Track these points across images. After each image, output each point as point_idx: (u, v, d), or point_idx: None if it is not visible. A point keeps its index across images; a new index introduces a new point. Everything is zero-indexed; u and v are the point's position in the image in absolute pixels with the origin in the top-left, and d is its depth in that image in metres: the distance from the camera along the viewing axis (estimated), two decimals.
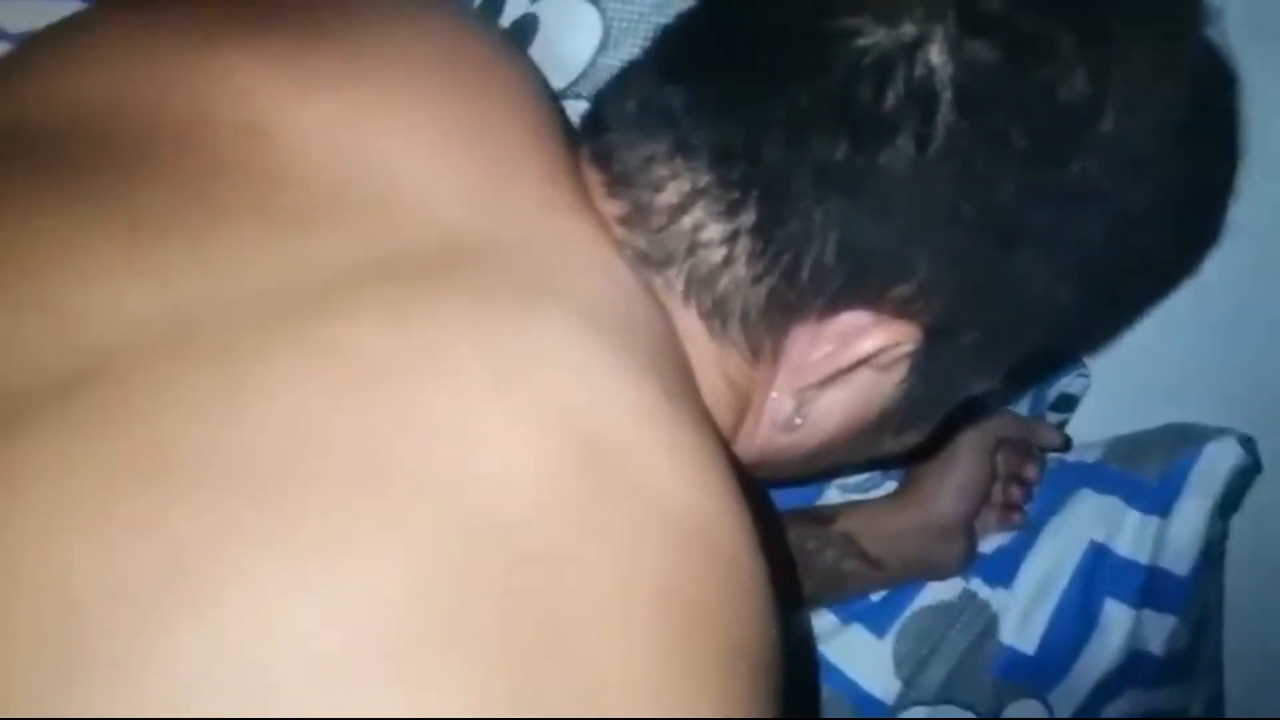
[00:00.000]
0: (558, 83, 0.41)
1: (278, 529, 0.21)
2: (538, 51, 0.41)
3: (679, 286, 0.32)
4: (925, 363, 0.34)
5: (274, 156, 0.28)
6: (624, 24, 0.42)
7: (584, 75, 0.42)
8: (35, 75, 0.30)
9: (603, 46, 0.42)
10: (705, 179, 0.31)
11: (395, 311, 0.25)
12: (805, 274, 0.31)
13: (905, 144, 0.29)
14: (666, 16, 0.39)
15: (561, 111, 0.36)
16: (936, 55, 0.29)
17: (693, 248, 0.32)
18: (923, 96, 0.29)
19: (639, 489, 0.24)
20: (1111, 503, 0.54)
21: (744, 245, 0.31)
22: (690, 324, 0.32)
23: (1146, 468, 0.54)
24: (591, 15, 0.42)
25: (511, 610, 0.21)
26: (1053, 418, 0.58)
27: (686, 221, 0.32)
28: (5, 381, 0.23)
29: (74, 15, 0.34)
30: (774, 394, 0.34)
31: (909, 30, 0.29)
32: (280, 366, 0.24)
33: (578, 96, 0.42)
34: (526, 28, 0.42)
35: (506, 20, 0.42)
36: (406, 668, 0.20)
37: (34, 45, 0.33)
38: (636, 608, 0.22)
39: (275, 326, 0.24)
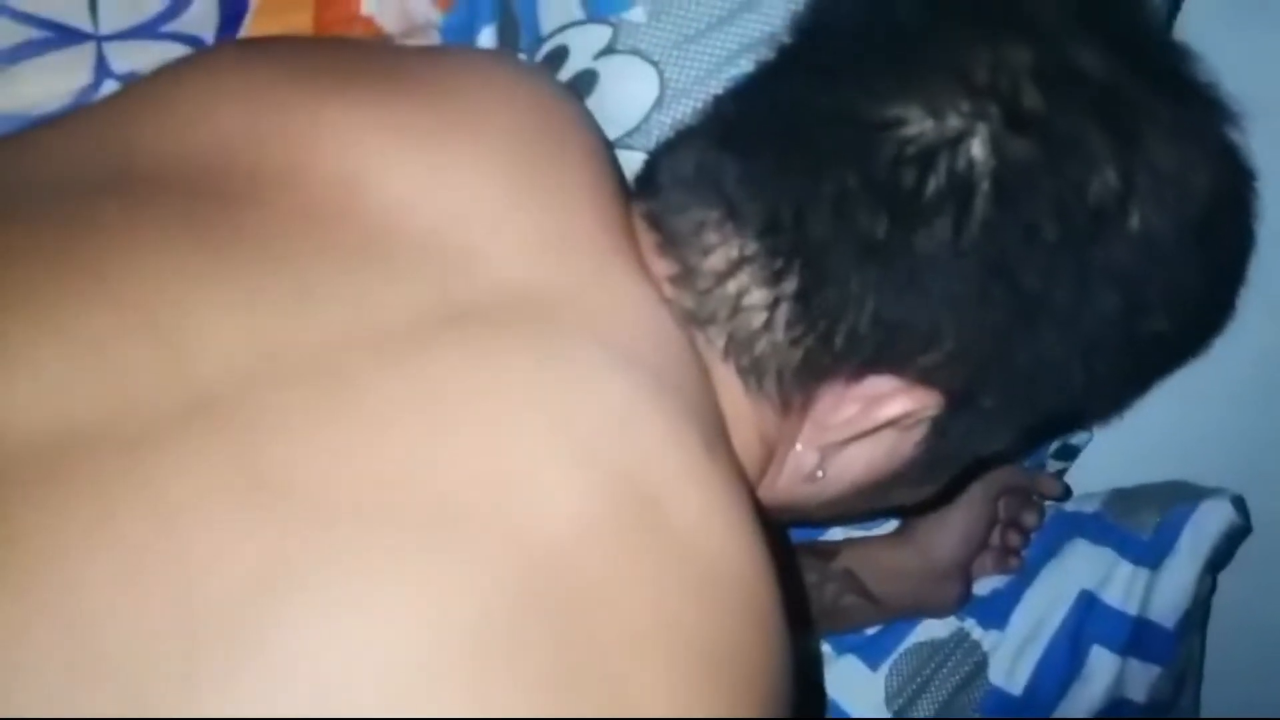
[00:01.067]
0: (612, 133, 0.43)
1: (362, 558, 0.24)
2: (595, 103, 0.43)
3: (720, 344, 0.34)
4: (945, 425, 0.36)
5: (362, 208, 0.30)
6: (680, 85, 0.44)
7: (638, 129, 0.44)
8: (146, 118, 0.32)
9: (658, 104, 0.44)
10: (752, 247, 0.33)
11: (469, 357, 0.28)
12: (839, 340, 0.33)
13: (942, 228, 0.31)
14: (721, 82, 0.41)
15: (616, 164, 0.38)
16: (978, 149, 0.31)
17: (736, 310, 0.34)
18: (962, 186, 0.31)
19: (678, 536, 0.27)
20: (1105, 553, 0.55)
21: (784, 311, 0.33)
22: (727, 379, 0.34)
23: (1141, 521, 0.56)
24: (649, 74, 0.43)
25: (559, 639, 0.24)
26: (1053, 466, 0.60)
27: (732, 286, 0.34)
28: (124, 417, 0.25)
29: (181, 60, 0.35)
30: (799, 447, 0.36)
31: (954, 124, 0.31)
32: (370, 405, 0.26)
33: (630, 148, 0.44)
34: (587, 82, 0.44)
35: (568, 73, 0.44)
36: (468, 685, 0.23)
37: (143, 88, 0.34)
38: (670, 643, 0.25)
39: (366, 366, 0.27)
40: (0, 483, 0.24)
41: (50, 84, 0.39)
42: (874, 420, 0.35)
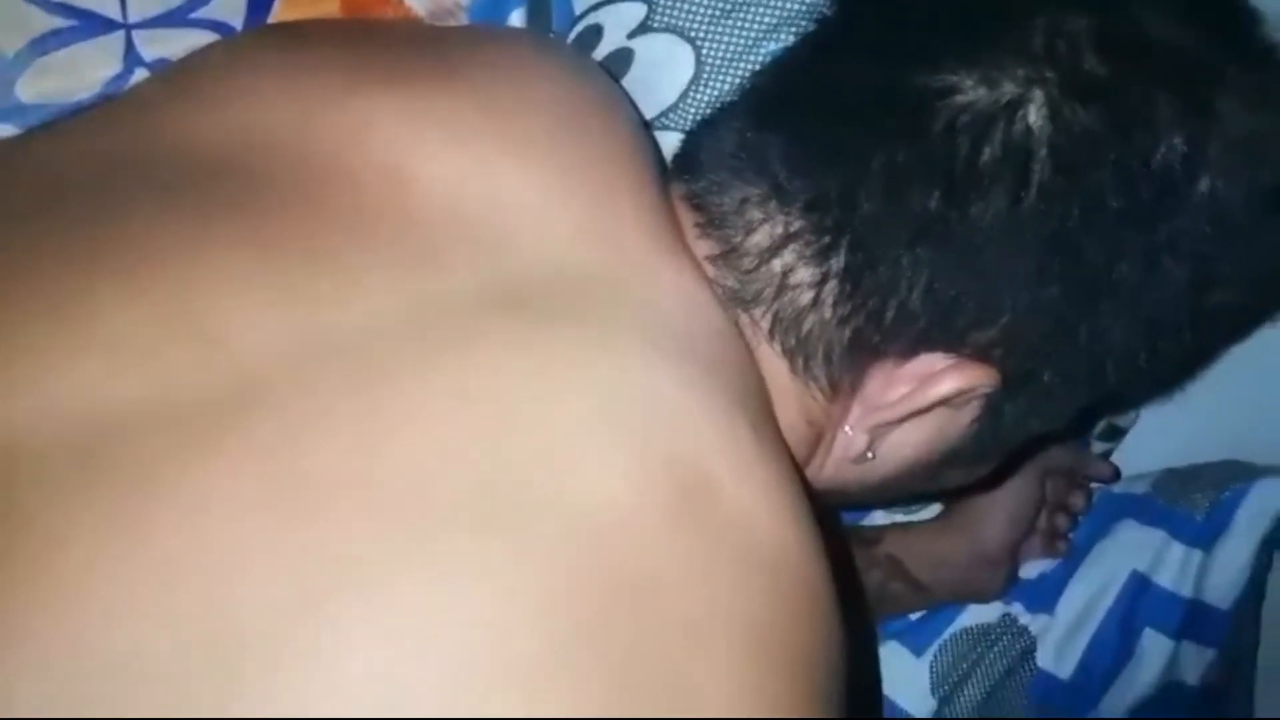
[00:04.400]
0: (649, 113, 0.43)
1: (413, 553, 0.23)
2: (631, 83, 0.42)
3: (765, 325, 0.33)
4: (1000, 404, 0.35)
5: (408, 198, 0.29)
6: (717, 62, 0.43)
7: (674, 108, 0.43)
8: (186, 107, 0.32)
9: (695, 82, 0.43)
10: (798, 224, 0.32)
11: (515, 345, 0.27)
12: (890, 318, 0.32)
13: (998, 199, 0.30)
14: (759, 58, 0.40)
15: (655, 144, 0.37)
16: (1035, 115, 0.30)
17: (781, 289, 0.33)
18: (1019, 155, 0.30)
19: (731, 522, 0.26)
20: (1156, 535, 0.55)
21: (832, 289, 0.32)
22: (773, 360, 0.34)
23: (1193, 501, 0.55)
24: (686, 52, 0.43)
25: (617, 630, 0.23)
26: (1098, 447, 0.59)
27: (777, 264, 0.33)
28: (164, 407, 0.24)
29: (216, 45, 0.35)
30: (847, 429, 0.36)
31: (1009, 89, 0.30)
32: (416, 396, 0.25)
33: (666, 128, 0.43)
34: (622, 61, 0.43)
35: (603, 52, 0.43)
36: (529, 681, 0.22)
37: (179, 77, 0.34)
38: (726, 629, 0.25)
39: (410, 357, 0.26)
40: (35, 482, 0.23)
41: (80, 73, 0.39)
42: (926, 399, 0.34)
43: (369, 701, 0.22)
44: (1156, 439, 0.57)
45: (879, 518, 0.57)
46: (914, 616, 0.56)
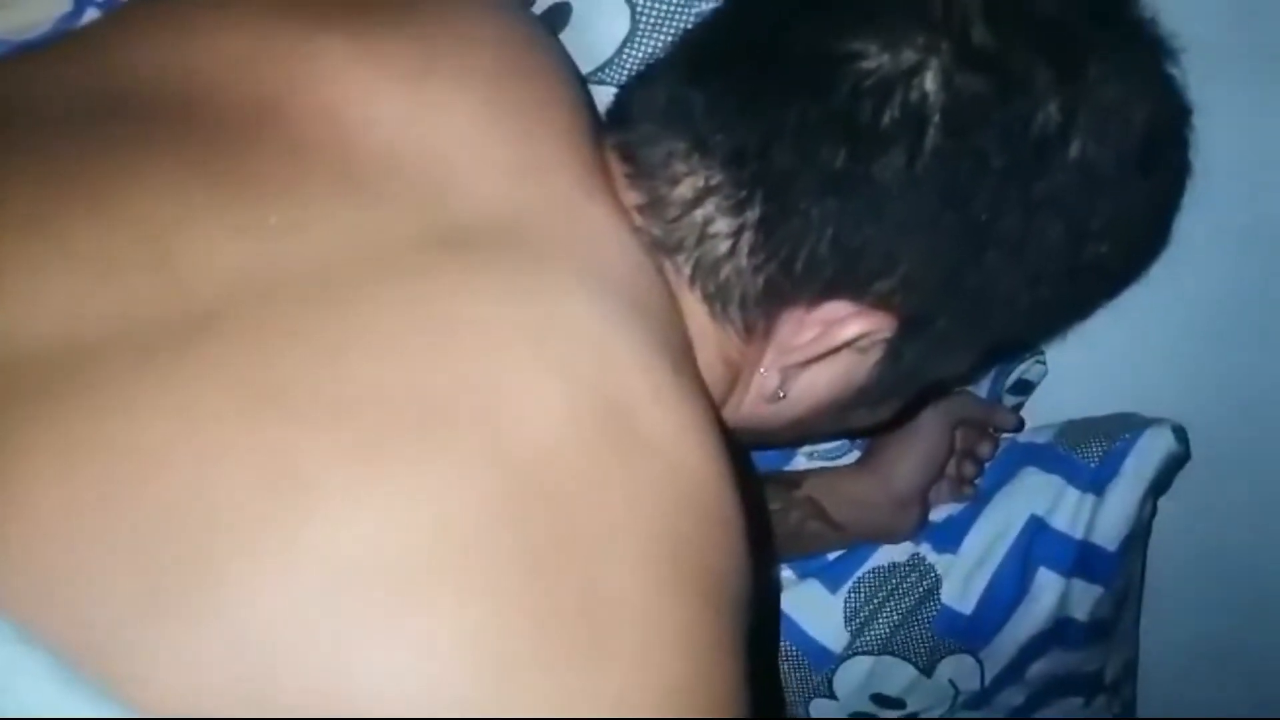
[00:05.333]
0: (585, 67, 0.44)
1: (364, 457, 0.25)
2: (568, 37, 0.44)
3: (686, 271, 0.36)
4: (900, 348, 0.38)
5: (351, 136, 0.31)
6: (651, 19, 0.44)
7: (610, 63, 0.44)
8: (133, 44, 0.33)
9: (630, 38, 0.44)
10: (718, 177, 0.35)
11: (452, 279, 0.29)
12: (800, 266, 0.35)
13: (897, 157, 0.33)
14: (691, 17, 0.42)
15: (589, 97, 0.39)
16: (930, 82, 0.33)
17: (702, 238, 0.35)
18: (915, 118, 0.33)
19: (648, 445, 0.29)
20: (1054, 481, 0.58)
21: (748, 239, 0.35)
22: (693, 305, 0.36)
23: (1088, 450, 0.58)
24: (621, 8, 0.44)
25: (536, 532, 0.26)
26: (1009, 400, 0.62)
27: (698, 214, 0.35)
28: (133, 329, 0.26)
29: None
30: (762, 369, 0.38)
31: (909, 57, 0.33)
32: (363, 320, 0.27)
33: (602, 82, 0.44)
34: (559, 14, 0.44)
35: (541, 6, 0.45)
36: (450, 573, 0.25)
37: (136, 15, 0.35)
38: (642, 542, 0.27)
39: (361, 282, 0.28)
40: (12, 393, 0.25)
41: (32, 10, 0.39)
42: (833, 342, 0.37)
43: (327, 587, 0.24)
44: (1061, 393, 0.61)
45: (801, 463, 0.60)
46: (831, 556, 0.59)
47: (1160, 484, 0.58)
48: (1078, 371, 0.60)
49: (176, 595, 0.23)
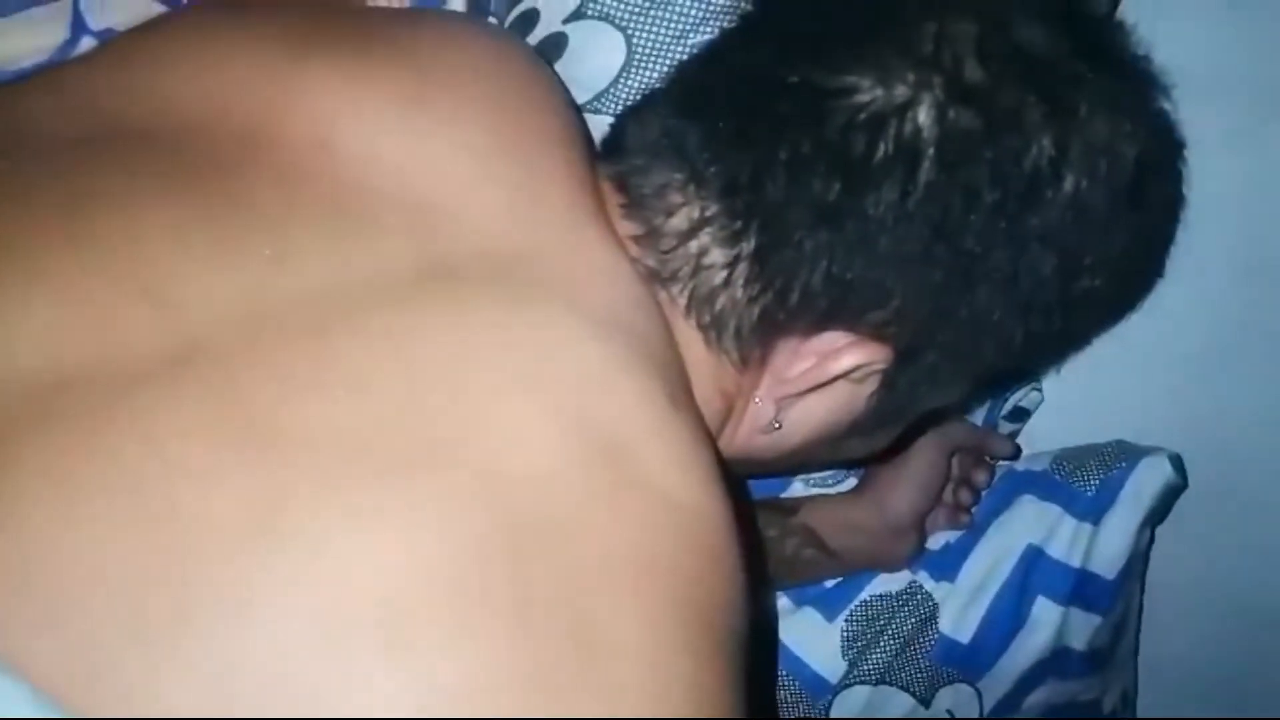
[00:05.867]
0: (580, 97, 0.44)
1: (347, 492, 0.25)
2: (564, 67, 0.44)
3: (682, 302, 0.36)
4: (894, 378, 0.38)
5: (344, 167, 0.31)
6: (646, 50, 0.45)
7: (605, 93, 0.45)
8: (134, 76, 0.33)
9: (625, 69, 0.45)
10: (713, 209, 0.35)
11: (443, 313, 0.29)
12: (794, 297, 0.35)
13: (890, 191, 0.33)
14: (686, 49, 0.42)
15: (585, 127, 0.39)
16: (924, 116, 0.33)
17: (697, 269, 0.35)
18: (908, 152, 0.33)
19: (644, 479, 0.28)
20: (1051, 509, 0.58)
21: (742, 270, 0.35)
22: (689, 335, 0.36)
23: (1085, 479, 0.58)
24: (617, 39, 0.45)
25: (529, 573, 0.25)
26: (1005, 428, 0.62)
27: (694, 245, 0.35)
28: (113, 360, 0.26)
29: (162, 18, 0.36)
30: (757, 399, 0.38)
31: (901, 92, 0.33)
32: (350, 354, 0.27)
33: (597, 112, 0.45)
34: (555, 45, 0.45)
35: (537, 37, 0.45)
36: (439, 615, 0.24)
37: (127, 46, 0.35)
38: (637, 578, 0.26)
39: (348, 317, 0.28)
40: None
41: (27, 39, 0.39)
42: (828, 373, 0.37)
43: (311, 633, 0.23)
44: (1057, 421, 0.61)
45: (798, 490, 0.59)
46: (828, 584, 0.58)
47: (1158, 513, 0.58)
48: (1073, 399, 0.60)
49: (163, 631, 0.23)
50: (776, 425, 0.39)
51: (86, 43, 0.40)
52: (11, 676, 0.22)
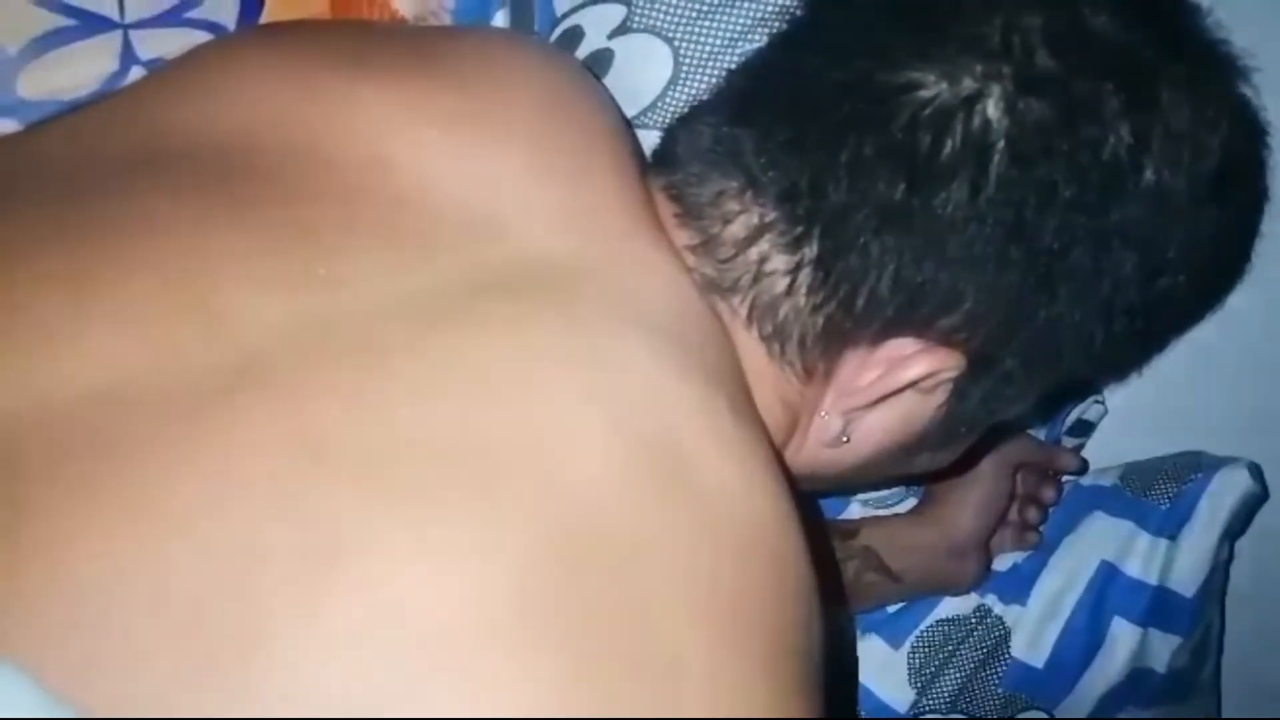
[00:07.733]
0: (629, 111, 0.44)
1: (407, 513, 0.24)
2: (611, 82, 0.44)
3: (743, 312, 0.35)
4: (965, 387, 0.36)
5: (396, 184, 0.31)
6: (694, 62, 0.44)
7: (653, 106, 0.44)
8: (180, 101, 0.33)
9: (673, 81, 0.44)
10: (772, 215, 0.34)
11: (498, 327, 0.28)
12: (861, 304, 0.34)
13: (959, 189, 0.32)
14: (735, 57, 0.41)
15: (635, 140, 0.38)
16: (993, 109, 0.32)
17: (758, 277, 0.34)
18: (978, 147, 0.32)
19: (708, 495, 0.27)
20: (1124, 525, 0.56)
21: (805, 276, 0.34)
22: (751, 346, 0.35)
23: (1159, 492, 0.56)
24: (664, 51, 0.44)
25: (594, 592, 0.24)
26: (1069, 442, 0.60)
27: (753, 253, 0.34)
28: (171, 382, 0.25)
29: (208, 44, 0.37)
30: (823, 413, 0.37)
31: (968, 85, 0.32)
32: (408, 372, 0.27)
33: (645, 125, 0.44)
34: (603, 60, 0.44)
35: (584, 52, 0.45)
36: (500, 636, 0.23)
37: (173, 73, 0.35)
38: (702, 598, 0.25)
39: (401, 336, 0.27)
40: (53, 451, 0.24)
41: (79, 71, 0.40)
42: (897, 382, 0.35)
43: (374, 660, 0.23)
44: (1121, 432, 0.59)
45: (856, 511, 0.58)
46: (892, 609, 0.57)
47: (1237, 525, 0.55)
48: (1138, 409, 0.58)
49: (219, 669, 0.22)
50: (844, 439, 0.37)
51: (136, 72, 0.41)
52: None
